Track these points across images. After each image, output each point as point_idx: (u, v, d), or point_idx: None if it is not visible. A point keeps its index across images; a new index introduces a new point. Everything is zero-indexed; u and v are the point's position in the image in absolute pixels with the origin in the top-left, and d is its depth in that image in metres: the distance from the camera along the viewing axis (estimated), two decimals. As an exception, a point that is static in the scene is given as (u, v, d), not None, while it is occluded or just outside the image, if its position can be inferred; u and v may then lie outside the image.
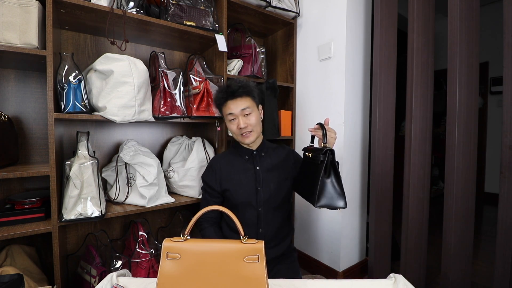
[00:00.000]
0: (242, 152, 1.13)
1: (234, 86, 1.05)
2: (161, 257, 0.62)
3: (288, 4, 1.67)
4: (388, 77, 1.44)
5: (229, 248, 0.62)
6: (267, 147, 1.16)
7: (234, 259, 0.62)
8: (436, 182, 3.71)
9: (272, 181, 1.08)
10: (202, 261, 0.62)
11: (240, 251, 0.62)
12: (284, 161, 1.14)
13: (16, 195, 1.17)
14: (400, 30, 1.52)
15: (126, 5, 1.19)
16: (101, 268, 1.18)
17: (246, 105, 1.04)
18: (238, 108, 1.04)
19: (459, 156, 1.18)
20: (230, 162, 1.12)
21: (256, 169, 1.09)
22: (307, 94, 1.76)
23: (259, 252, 0.62)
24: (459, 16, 1.15)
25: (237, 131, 1.06)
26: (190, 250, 0.62)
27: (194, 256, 0.62)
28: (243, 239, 0.63)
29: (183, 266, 0.62)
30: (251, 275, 0.61)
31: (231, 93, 1.04)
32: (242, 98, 1.05)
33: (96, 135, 1.42)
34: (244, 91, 1.04)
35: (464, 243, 1.20)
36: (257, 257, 0.62)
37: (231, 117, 1.06)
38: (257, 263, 0.61)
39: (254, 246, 0.62)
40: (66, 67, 1.10)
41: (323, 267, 1.68)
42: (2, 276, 0.71)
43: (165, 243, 0.63)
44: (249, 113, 1.05)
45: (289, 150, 1.20)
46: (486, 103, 3.41)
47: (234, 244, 0.63)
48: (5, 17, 0.96)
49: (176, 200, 1.35)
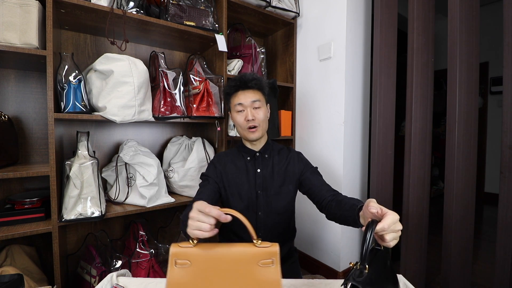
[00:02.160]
0: (245, 152, 1.08)
1: (249, 77, 1.02)
2: (169, 264, 0.57)
3: (288, 4, 1.67)
4: (388, 77, 1.44)
5: (243, 253, 0.59)
6: (271, 148, 1.10)
7: (249, 264, 0.58)
8: (436, 182, 3.71)
9: (273, 186, 1.03)
10: (214, 268, 0.58)
11: (255, 255, 0.59)
12: (288, 165, 1.08)
13: (16, 195, 1.17)
14: (400, 30, 1.52)
15: (126, 5, 1.19)
16: (101, 268, 1.18)
17: (257, 97, 1.01)
18: (248, 99, 1.00)
19: (459, 156, 1.18)
20: (232, 161, 1.08)
21: (257, 172, 1.05)
22: (307, 94, 1.76)
23: (274, 256, 0.59)
24: (459, 16, 1.15)
25: (243, 124, 1.01)
26: (201, 256, 0.58)
27: (206, 262, 0.58)
28: (257, 242, 0.59)
29: (194, 273, 0.57)
30: (266, 279, 0.58)
31: (244, 83, 1.01)
32: (254, 90, 1.02)
33: (96, 135, 1.42)
34: (257, 84, 1.02)
35: (464, 243, 1.20)
36: (272, 261, 0.59)
37: (240, 108, 1.01)
38: (272, 267, 0.59)
39: (268, 249, 0.59)
40: (66, 67, 1.10)
41: (323, 267, 1.68)
42: (2, 276, 0.71)
43: (173, 249, 0.58)
44: (259, 106, 1.01)
45: (295, 154, 1.12)
46: (486, 103, 3.41)
47: (248, 248, 0.59)
48: (5, 17, 0.96)
49: (176, 200, 1.35)
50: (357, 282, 0.53)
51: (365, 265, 0.55)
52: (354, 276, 0.54)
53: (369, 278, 0.54)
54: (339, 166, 1.56)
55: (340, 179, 1.56)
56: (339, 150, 1.56)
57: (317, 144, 1.70)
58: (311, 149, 1.74)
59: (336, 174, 1.58)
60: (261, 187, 1.03)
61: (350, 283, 0.54)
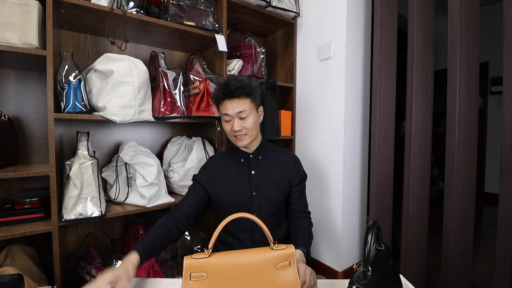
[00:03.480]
0: (238, 154, 1.07)
1: (233, 86, 0.97)
2: (183, 279, 0.54)
3: (288, 4, 1.67)
4: (388, 77, 1.44)
5: (261, 258, 0.58)
6: (265, 149, 1.09)
7: (267, 268, 0.58)
8: (436, 182, 3.71)
9: (268, 188, 1.03)
10: (232, 277, 0.56)
11: (273, 259, 0.58)
12: (284, 169, 1.07)
13: (16, 195, 1.17)
14: (400, 30, 1.52)
15: (126, 5, 1.19)
16: (101, 268, 1.18)
17: (243, 107, 0.97)
18: (234, 110, 0.97)
19: (459, 156, 1.18)
20: (226, 163, 1.07)
21: (252, 173, 1.03)
22: (307, 94, 1.76)
23: (291, 257, 0.60)
24: (459, 16, 1.15)
25: (230, 133, 1.01)
26: (217, 266, 0.56)
27: (223, 272, 0.55)
28: (273, 246, 0.59)
29: (212, 285, 0.54)
30: (285, 281, 0.58)
31: (228, 93, 0.97)
32: (240, 99, 0.97)
33: (96, 135, 1.42)
34: (243, 92, 0.97)
35: (464, 243, 1.20)
36: (289, 263, 0.59)
37: (227, 118, 1.00)
38: (289, 269, 0.59)
39: (285, 252, 0.59)
40: (66, 67, 1.10)
41: (323, 267, 1.68)
42: (2, 276, 0.71)
43: (186, 261, 0.55)
44: (246, 116, 0.98)
45: (292, 160, 1.10)
46: (486, 103, 3.41)
47: (265, 252, 0.59)
48: (5, 17, 0.96)
49: (176, 200, 1.35)
50: (362, 285, 0.54)
51: (368, 267, 0.55)
52: (358, 279, 0.55)
53: (373, 280, 0.54)
54: (339, 166, 1.56)
55: (340, 179, 1.56)
56: (339, 150, 1.56)
57: (317, 144, 1.70)
58: (311, 149, 1.74)
59: (336, 174, 1.58)
60: (256, 189, 1.03)
61: (355, 286, 0.54)
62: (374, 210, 1.49)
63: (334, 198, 1.60)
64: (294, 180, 1.08)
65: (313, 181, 1.72)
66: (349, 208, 1.61)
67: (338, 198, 1.58)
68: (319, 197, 1.69)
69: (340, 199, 1.57)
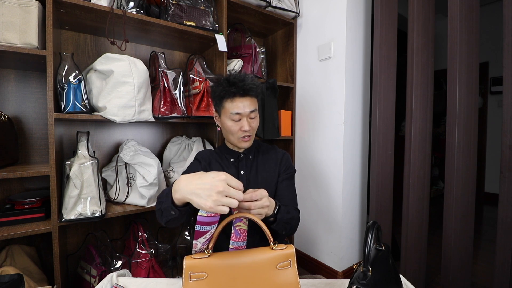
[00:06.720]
0: (228, 154, 1.03)
1: (249, 84, 0.89)
2: (183, 279, 0.54)
3: (288, 4, 1.67)
4: (388, 77, 1.44)
5: (261, 258, 0.58)
6: (257, 148, 1.05)
7: (267, 268, 0.58)
8: (436, 182, 3.71)
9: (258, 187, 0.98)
10: (233, 277, 0.56)
11: (273, 259, 0.59)
12: (272, 166, 1.02)
13: (16, 195, 1.17)
14: (400, 30, 1.52)
15: (126, 5, 1.19)
16: (101, 268, 1.18)
17: (255, 107, 0.93)
18: (247, 109, 0.90)
19: (459, 156, 1.18)
20: (217, 160, 1.02)
21: (241, 173, 0.99)
22: (307, 94, 1.76)
23: (291, 257, 0.60)
24: (459, 16, 1.15)
25: (239, 133, 0.93)
26: (218, 266, 0.56)
27: (224, 273, 0.56)
28: (273, 246, 0.59)
29: (212, 285, 0.55)
30: (285, 281, 0.58)
31: (244, 90, 0.89)
32: (253, 98, 0.92)
33: (96, 135, 1.42)
34: (256, 92, 0.93)
35: (464, 243, 1.20)
36: (289, 262, 0.59)
37: (236, 117, 0.91)
38: (289, 269, 0.59)
39: (285, 252, 0.59)
40: (66, 67, 1.10)
41: (323, 267, 1.68)
42: (2, 276, 0.71)
43: (186, 261, 0.55)
44: (255, 117, 0.95)
45: (280, 155, 1.06)
46: (486, 103, 3.41)
47: (265, 252, 0.59)
48: (5, 17, 0.96)
49: (176, 200, 1.35)
50: (362, 285, 0.54)
51: (368, 267, 0.55)
52: (358, 279, 0.55)
53: (373, 280, 0.54)
54: (339, 166, 1.56)
55: (340, 179, 1.56)
56: (339, 150, 1.56)
57: (317, 144, 1.70)
58: (311, 149, 1.74)
59: (336, 174, 1.58)
60: (245, 189, 1.01)
61: (355, 286, 0.54)
62: (374, 210, 1.49)
63: (334, 198, 1.60)
64: (282, 172, 1.03)
65: (313, 181, 1.72)
66: (349, 208, 1.61)
67: (338, 198, 1.58)
68: (319, 197, 1.69)
69: (340, 199, 1.57)
